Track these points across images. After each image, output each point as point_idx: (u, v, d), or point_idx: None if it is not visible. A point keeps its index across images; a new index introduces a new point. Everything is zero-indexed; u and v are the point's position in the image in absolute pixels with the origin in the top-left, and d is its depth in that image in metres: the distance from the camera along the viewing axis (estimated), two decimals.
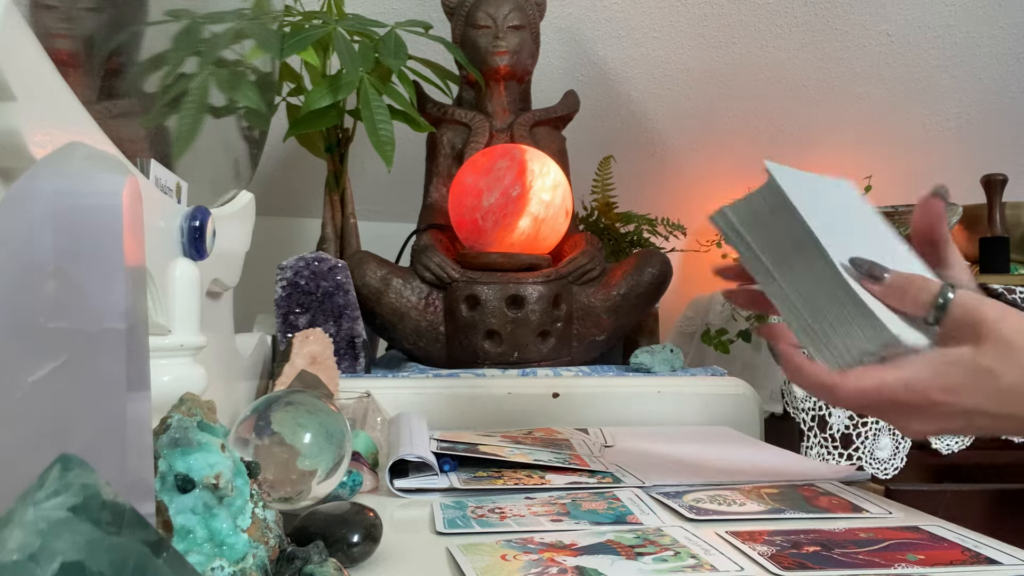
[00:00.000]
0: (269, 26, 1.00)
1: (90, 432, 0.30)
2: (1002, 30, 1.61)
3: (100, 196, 0.31)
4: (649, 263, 1.16)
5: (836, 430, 1.17)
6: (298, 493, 0.53)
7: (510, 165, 1.14)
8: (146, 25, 0.65)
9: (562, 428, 0.91)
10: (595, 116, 1.64)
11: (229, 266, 0.82)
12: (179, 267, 0.59)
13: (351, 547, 0.46)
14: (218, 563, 0.37)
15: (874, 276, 0.54)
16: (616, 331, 1.17)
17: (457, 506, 0.61)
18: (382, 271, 1.11)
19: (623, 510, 0.59)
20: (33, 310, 0.29)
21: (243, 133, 0.92)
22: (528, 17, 1.26)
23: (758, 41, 1.59)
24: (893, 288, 0.54)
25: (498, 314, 1.08)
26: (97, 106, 0.54)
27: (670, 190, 1.81)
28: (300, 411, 0.55)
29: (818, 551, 0.48)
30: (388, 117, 1.10)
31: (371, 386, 0.94)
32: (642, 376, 1.05)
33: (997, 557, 0.47)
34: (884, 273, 0.54)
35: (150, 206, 0.54)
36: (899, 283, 0.54)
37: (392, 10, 1.46)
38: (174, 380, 0.57)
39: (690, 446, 0.84)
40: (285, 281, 0.99)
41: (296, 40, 1.09)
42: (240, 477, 0.40)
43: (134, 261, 0.32)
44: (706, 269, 1.75)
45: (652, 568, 0.46)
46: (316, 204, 1.37)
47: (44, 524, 0.23)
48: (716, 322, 1.46)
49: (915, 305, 0.53)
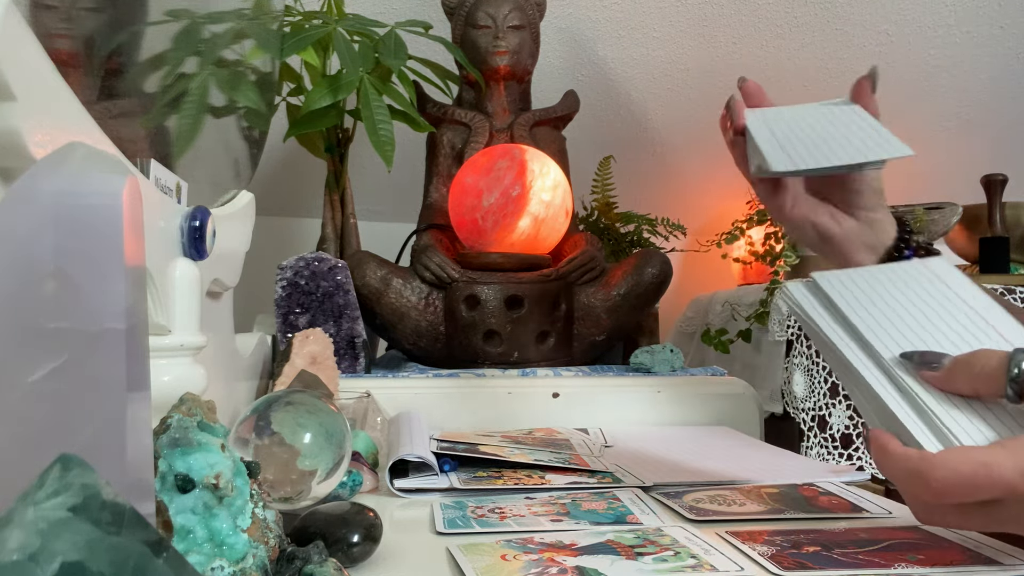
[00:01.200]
0: (269, 26, 1.00)
1: (90, 432, 0.30)
2: (1002, 30, 1.61)
3: (100, 196, 0.31)
4: (649, 263, 1.16)
5: (836, 430, 1.17)
6: (298, 493, 0.53)
7: (510, 165, 1.14)
8: (146, 25, 0.65)
9: (562, 428, 0.91)
10: (595, 116, 1.64)
11: (229, 266, 0.82)
12: (179, 267, 0.59)
13: (351, 547, 0.46)
14: (218, 563, 0.37)
15: (928, 363, 0.46)
16: (616, 331, 1.17)
17: (457, 506, 0.61)
18: (382, 271, 1.11)
19: (623, 510, 0.59)
20: (33, 310, 0.29)
21: (243, 133, 0.92)
22: (528, 17, 1.26)
23: (758, 41, 1.59)
24: (955, 372, 0.45)
25: (498, 314, 1.08)
26: (97, 106, 0.54)
27: (670, 190, 1.81)
28: (300, 411, 0.55)
29: (818, 551, 0.48)
30: (388, 117, 1.10)
31: (371, 386, 0.94)
32: (642, 376, 1.05)
33: (997, 557, 0.47)
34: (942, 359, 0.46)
35: (150, 206, 0.54)
36: (961, 364, 0.45)
37: (392, 10, 1.46)
38: (174, 380, 0.57)
39: (690, 446, 0.84)
40: (285, 281, 0.99)
41: (296, 40, 1.09)
42: (240, 477, 0.40)
43: (134, 261, 0.32)
44: (706, 269, 1.75)
45: (652, 568, 0.46)
46: (316, 204, 1.37)
47: (44, 524, 0.23)
48: (716, 322, 1.46)
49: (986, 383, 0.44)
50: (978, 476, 0.40)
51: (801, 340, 1.18)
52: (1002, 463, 0.40)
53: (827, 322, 0.53)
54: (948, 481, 0.41)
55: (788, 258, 1.34)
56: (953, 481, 0.41)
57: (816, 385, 1.17)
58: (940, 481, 0.41)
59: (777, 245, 1.38)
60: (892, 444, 0.45)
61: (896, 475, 0.44)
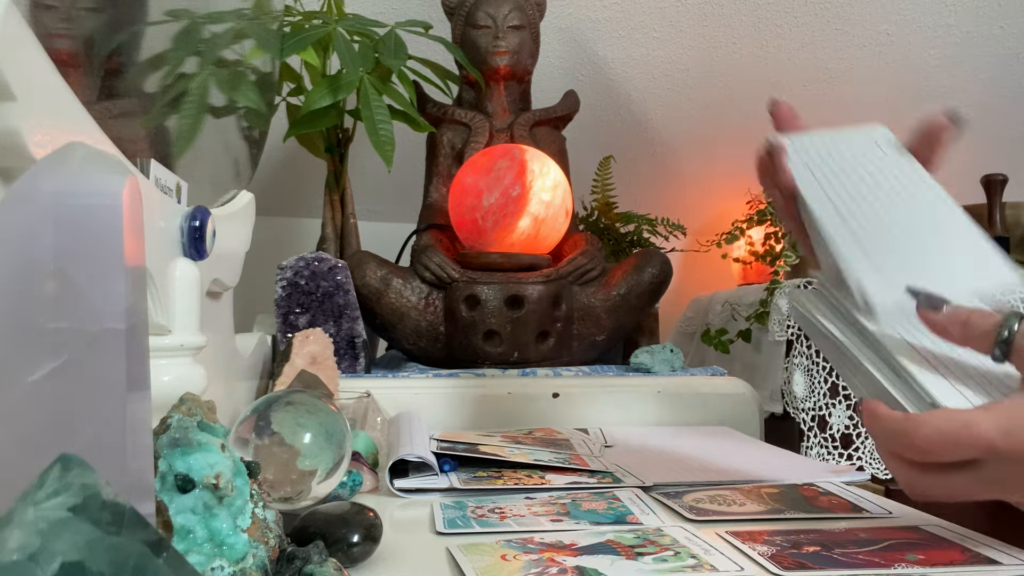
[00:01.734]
0: (269, 26, 1.00)
1: (90, 432, 0.30)
2: (1002, 30, 1.61)
3: (100, 196, 0.31)
4: (649, 263, 1.16)
5: (836, 430, 1.17)
6: (298, 493, 0.53)
7: (510, 165, 1.14)
8: (146, 25, 0.66)
9: (562, 428, 0.91)
10: (595, 116, 1.64)
11: (229, 266, 0.82)
12: (179, 267, 0.59)
13: (351, 547, 0.46)
14: (218, 563, 0.37)
15: (931, 305, 0.49)
16: (616, 331, 1.17)
17: (457, 506, 0.61)
18: (382, 271, 1.11)
19: (623, 510, 0.59)
20: (33, 310, 0.29)
21: (243, 133, 0.92)
22: (528, 17, 1.26)
23: (758, 41, 1.59)
24: (952, 320, 0.48)
25: (498, 314, 1.08)
26: (97, 106, 0.54)
27: (670, 190, 1.81)
28: (300, 411, 0.55)
29: (818, 551, 0.48)
30: (388, 117, 1.10)
31: (371, 386, 0.94)
32: (642, 376, 1.05)
33: (997, 557, 0.47)
34: (943, 303, 0.48)
35: (150, 206, 0.54)
36: (960, 315, 0.48)
37: (392, 10, 1.46)
38: (174, 380, 0.57)
39: (690, 446, 0.84)
40: (285, 281, 0.99)
41: (296, 40, 1.09)
42: (240, 477, 0.40)
43: (134, 261, 0.32)
44: (706, 269, 1.75)
45: (652, 568, 0.46)
46: (316, 204, 1.37)
47: (44, 524, 0.23)
48: (716, 322, 1.46)
49: (977, 339, 0.47)
50: (960, 434, 0.42)
51: (801, 340, 1.18)
52: (982, 422, 0.42)
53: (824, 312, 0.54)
54: (931, 438, 0.43)
55: (788, 258, 1.34)
56: (936, 438, 0.43)
57: (816, 385, 1.17)
58: (923, 438, 0.44)
59: (777, 245, 1.38)
60: (881, 409, 0.47)
61: (883, 435, 0.47)
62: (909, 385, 0.48)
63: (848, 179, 0.58)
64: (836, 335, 0.53)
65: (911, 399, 0.48)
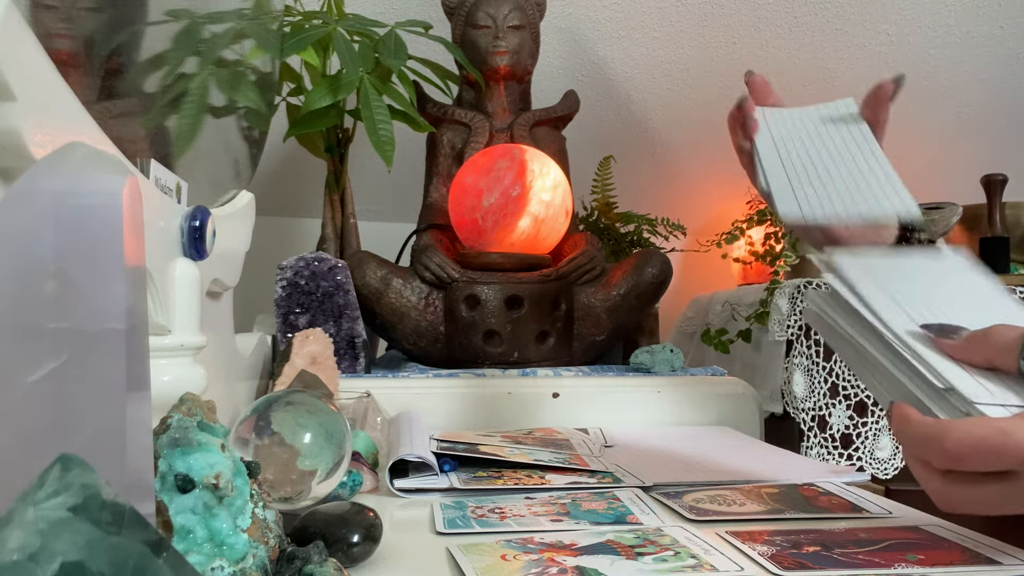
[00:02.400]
0: (269, 26, 1.00)
1: (90, 432, 0.30)
2: (1002, 30, 1.61)
3: (100, 196, 0.31)
4: (649, 263, 1.16)
5: (836, 430, 1.17)
6: (298, 493, 0.53)
7: (510, 165, 1.14)
8: (146, 25, 0.65)
9: (562, 428, 0.91)
10: (595, 116, 1.64)
11: (229, 266, 0.82)
12: (179, 267, 0.59)
13: (351, 547, 0.46)
14: (218, 563, 0.37)
15: (947, 334, 0.48)
16: (616, 331, 1.17)
17: (457, 506, 0.61)
18: (382, 271, 1.11)
19: (623, 510, 0.59)
20: (33, 310, 0.29)
21: (243, 133, 0.92)
22: (528, 17, 1.26)
23: (758, 41, 1.59)
24: (972, 343, 0.47)
25: (498, 314, 1.08)
26: (97, 106, 0.54)
27: (670, 190, 1.81)
28: (300, 411, 0.55)
29: (818, 551, 0.48)
30: (388, 117, 1.10)
31: (371, 386, 0.94)
32: (642, 376, 1.05)
33: (997, 557, 0.47)
34: (959, 330, 0.48)
35: (150, 206, 0.54)
36: (979, 336, 0.47)
37: (392, 10, 1.46)
38: (174, 380, 0.57)
39: (690, 446, 0.84)
40: (285, 281, 0.99)
41: (296, 40, 1.09)
42: (240, 477, 0.40)
43: (134, 261, 0.32)
44: (706, 269, 1.75)
45: (652, 568, 0.46)
46: (316, 204, 1.37)
47: (44, 524, 0.23)
48: (716, 322, 1.46)
49: (1001, 356, 0.45)
50: (995, 442, 0.40)
51: (801, 340, 1.18)
52: (1020, 431, 0.40)
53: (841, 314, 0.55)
54: (963, 443, 0.41)
55: (788, 258, 1.34)
56: (968, 443, 0.41)
57: (816, 385, 1.17)
58: (955, 443, 0.41)
59: (777, 245, 1.38)
60: (912, 413, 0.45)
61: (913, 439, 0.44)
62: (939, 391, 0.46)
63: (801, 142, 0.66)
64: (858, 339, 0.53)
65: (942, 405, 0.46)
